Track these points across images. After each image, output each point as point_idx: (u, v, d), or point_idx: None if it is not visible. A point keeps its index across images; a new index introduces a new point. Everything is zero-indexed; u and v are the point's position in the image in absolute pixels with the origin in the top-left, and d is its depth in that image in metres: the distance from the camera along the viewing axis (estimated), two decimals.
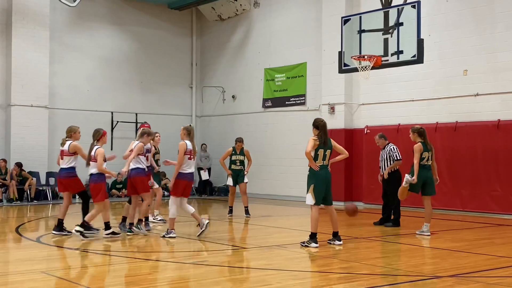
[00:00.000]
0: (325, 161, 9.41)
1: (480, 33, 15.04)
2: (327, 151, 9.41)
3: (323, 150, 9.37)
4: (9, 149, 18.75)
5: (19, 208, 16.42)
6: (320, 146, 9.35)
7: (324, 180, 9.37)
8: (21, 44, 18.90)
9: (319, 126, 9.47)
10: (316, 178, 9.33)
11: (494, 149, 14.63)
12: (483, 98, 14.98)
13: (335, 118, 17.77)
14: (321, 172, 9.35)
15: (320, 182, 9.33)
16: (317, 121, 9.58)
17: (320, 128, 9.44)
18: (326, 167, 9.44)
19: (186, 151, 10.16)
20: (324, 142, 9.36)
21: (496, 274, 7.47)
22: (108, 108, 21.19)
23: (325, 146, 9.38)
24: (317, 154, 9.34)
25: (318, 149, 9.34)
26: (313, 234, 9.32)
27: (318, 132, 9.43)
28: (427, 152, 10.65)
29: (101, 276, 7.27)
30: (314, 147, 9.31)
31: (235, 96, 21.94)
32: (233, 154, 14.06)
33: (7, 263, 8.51)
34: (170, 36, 22.78)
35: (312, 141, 9.34)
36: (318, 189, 9.33)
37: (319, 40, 18.44)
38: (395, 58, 12.88)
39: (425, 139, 10.75)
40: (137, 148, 10.67)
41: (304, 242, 9.38)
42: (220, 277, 7.37)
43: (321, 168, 9.36)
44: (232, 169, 14.02)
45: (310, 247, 9.25)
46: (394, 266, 8.18)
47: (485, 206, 14.73)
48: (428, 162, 10.68)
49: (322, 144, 9.35)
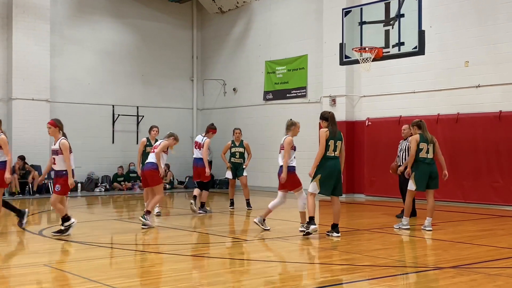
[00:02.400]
0: (336, 152, 9.42)
1: (481, 25, 15.01)
2: (337, 142, 9.44)
3: (333, 141, 9.39)
4: (11, 142, 18.64)
5: (21, 202, 16.45)
6: (330, 137, 9.38)
7: (334, 171, 9.39)
8: (22, 38, 18.88)
9: (328, 118, 9.52)
10: (325, 169, 9.35)
11: (496, 141, 14.62)
12: (484, 90, 14.96)
13: (336, 110, 17.72)
14: (330, 163, 9.37)
15: (329, 173, 9.36)
16: (325, 113, 9.66)
17: (330, 119, 9.49)
18: (336, 158, 9.45)
19: (292, 145, 10.10)
20: (334, 133, 9.40)
21: (498, 265, 7.49)
22: (109, 101, 21.19)
23: (335, 136, 9.41)
24: (328, 145, 9.36)
25: (328, 139, 9.37)
26: (311, 218, 9.36)
27: (327, 124, 9.48)
28: (424, 143, 10.38)
29: (103, 269, 7.29)
30: (325, 138, 9.33)
31: (236, 89, 21.93)
32: (232, 147, 13.92)
33: (10, 256, 8.53)
34: (170, 29, 22.76)
35: (323, 133, 9.39)
36: (327, 180, 9.35)
37: (320, 32, 18.41)
38: (396, 49, 12.89)
39: (424, 131, 10.56)
40: (163, 145, 11.07)
41: (304, 231, 9.42)
42: (222, 269, 7.39)
43: (331, 159, 9.38)
44: (232, 161, 13.87)
45: (310, 230, 9.30)
46: (396, 257, 8.19)
47: (486, 198, 14.73)
48: (428, 155, 10.39)
49: (332, 135, 9.38)
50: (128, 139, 21.53)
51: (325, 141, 9.36)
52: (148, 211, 10.79)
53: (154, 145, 11.56)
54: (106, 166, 20.84)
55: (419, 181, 10.39)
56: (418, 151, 10.39)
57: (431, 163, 10.45)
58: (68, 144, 9.62)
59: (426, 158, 10.40)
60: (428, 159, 10.41)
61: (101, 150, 20.89)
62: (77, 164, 19.70)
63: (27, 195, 18.13)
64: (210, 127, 13.32)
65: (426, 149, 10.39)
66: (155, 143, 11.67)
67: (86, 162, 20.40)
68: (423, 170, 10.37)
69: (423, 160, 10.38)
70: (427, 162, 10.40)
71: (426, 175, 10.38)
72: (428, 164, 10.41)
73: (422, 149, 10.38)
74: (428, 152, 10.39)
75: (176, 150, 12.11)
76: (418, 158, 10.39)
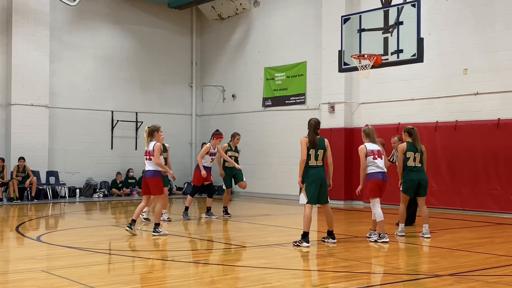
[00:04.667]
0: (317, 161, 9.36)
1: (479, 32, 15.05)
2: (318, 150, 9.34)
3: (314, 150, 9.32)
4: (9, 148, 18.76)
5: (20, 207, 16.43)
6: (310, 145, 9.31)
7: (317, 180, 9.32)
8: (21, 43, 18.91)
9: (308, 125, 9.45)
10: (307, 178, 9.32)
11: (494, 148, 14.64)
12: (483, 97, 14.99)
13: (335, 117, 17.79)
14: (312, 172, 9.30)
15: (312, 182, 9.30)
16: (309, 120, 9.55)
17: (309, 127, 9.41)
18: (319, 166, 9.37)
19: (367, 152, 10.00)
20: (313, 142, 9.30)
21: (496, 272, 7.48)
22: (108, 107, 21.20)
23: (316, 145, 9.32)
24: (309, 154, 9.32)
25: (309, 148, 9.32)
26: (305, 233, 9.26)
27: (308, 131, 9.44)
28: (412, 152, 10.33)
29: (101, 275, 7.28)
30: (306, 146, 9.30)
31: (235, 95, 21.95)
32: (228, 150, 13.70)
33: (8, 261, 8.52)
34: (170, 35, 22.79)
35: (303, 141, 9.34)
36: (311, 188, 9.30)
37: (319, 39, 18.45)
38: (395, 57, 12.89)
39: (415, 139, 10.52)
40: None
41: (296, 242, 9.36)
42: (219, 276, 7.38)
43: (313, 168, 9.32)
44: (226, 166, 13.58)
45: (302, 246, 9.22)
46: (394, 265, 8.19)
47: (484, 205, 14.74)
48: (416, 164, 10.34)
49: (311, 143, 9.31)
50: (127, 145, 21.53)
51: (306, 149, 9.31)
52: (157, 224, 10.70)
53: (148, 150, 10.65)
54: (105, 172, 20.83)
55: (408, 189, 10.42)
56: (406, 160, 10.37)
57: (419, 171, 10.43)
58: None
59: (414, 166, 10.36)
60: (417, 167, 10.39)
61: (100, 156, 20.88)
62: (75, 170, 20.12)
63: (25, 201, 18.10)
64: (214, 133, 13.36)
65: (413, 158, 10.36)
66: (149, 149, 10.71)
67: (85, 168, 20.42)
68: (411, 177, 10.37)
69: (411, 169, 10.37)
70: (415, 170, 10.37)
71: (415, 182, 10.37)
72: (416, 172, 10.38)
73: (409, 158, 10.36)
74: (415, 161, 10.37)
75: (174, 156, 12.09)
76: (406, 166, 10.38)
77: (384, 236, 9.81)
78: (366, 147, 10.03)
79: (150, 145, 10.64)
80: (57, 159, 19.88)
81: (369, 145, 10.06)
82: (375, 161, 9.96)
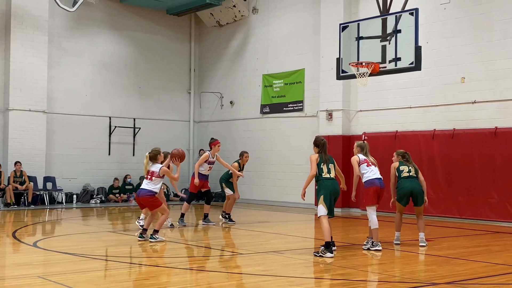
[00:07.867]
0: (330, 174, 9.43)
1: (477, 41, 15.10)
2: (330, 165, 9.47)
3: (325, 164, 9.42)
4: (7, 153, 18.73)
5: (16, 213, 16.39)
6: (320, 161, 9.42)
7: (333, 191, 9.37)
8: (20, 49, 18.91)
9: (319, 144, 9.55)
10: (325, 189, 9.34)
11: (491, 157, 14.66)
12: (480, 106, 15.02)
13: (333, 125, 17.81)
14: (327, 183, 9.36)
15: (329, 193, 9.32)
16: (317, 139, 9.65)
17: (320, 146, 9.53)
18: (333, 179, 9.45)
19: (359, 161, 10.13)
20: (325, 160, 9.44)
21: (493, 281, 7.48)
22: (106, 113, 21.19)
23: (326, 161, 9.45)
24: (321, 168, 9.38)
25: (319, 163, 9.39)
26: (327, 243, 9.16)
27: (319, 150, 9.51)
28: (405, 166, 10.47)
29: (97, 281, 7.26)
30: (316, 162, 9.37)
31: (233, 102, 21.97)
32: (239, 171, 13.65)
33: (4, 267, 8.49)
34: (168, 42, 22.82)
35: (314, 158, 9.43)
36: (328, 200, 9.32)
37: (317, 47, 18.49)
38: (393, 65, 12.92)
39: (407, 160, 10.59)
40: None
41: (318, 252, 9.20)
42: (216, 283, 7.37)
43: (327, 179, 9.37)
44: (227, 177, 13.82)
45: (325, 256, 9.04)
46: (391, 273, 8.18)
47: (482, 214, 14.74)
48: (410, 174, 10.43)
49: (322, 160, 9.43)
50: (124, 151, 21.52)
51: (316, 164, 9.38)
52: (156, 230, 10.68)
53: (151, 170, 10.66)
54: (102, 177, 20.80)
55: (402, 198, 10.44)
56: (400, 172, 10.48)
57: (412, 179, 10.45)
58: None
59: (408, 176, 10.44)
60: (411, 176, 10.45)
61: (97, 162, 20.86)
62: (72, 176, 20.09)
63: (22, 206, 18.07)
64: (210, 142, 13.36)
65: (408, 170, 10.45)
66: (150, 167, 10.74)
67: (82, 174, 20.40)
68: (404, 185, 10.41)
69: (405, 177, 10.43)
70: (408, 178, 10.43)
71: (407, 190, 10.39)
72: (410, 181, 10.42)
73: (403, 170, 10.46)
74: (410, 172, 10.46)
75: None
76: (401, 177, 10.47)
77: (377, 244, 9.82)
78: (358, 157, 10.16)
79: (154, 166, 10.68)
80: (54, 164, 19.85)
81: (361, 156, 10.16)
82: (370, 167, 10.08)
